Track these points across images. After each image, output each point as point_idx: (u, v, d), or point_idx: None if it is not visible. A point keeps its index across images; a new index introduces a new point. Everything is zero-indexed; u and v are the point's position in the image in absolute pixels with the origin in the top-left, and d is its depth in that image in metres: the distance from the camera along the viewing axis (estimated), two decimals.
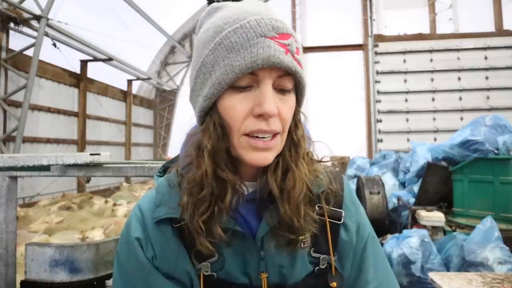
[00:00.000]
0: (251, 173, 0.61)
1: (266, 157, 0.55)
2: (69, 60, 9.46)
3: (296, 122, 0.61)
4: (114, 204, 6.75)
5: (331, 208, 0.65)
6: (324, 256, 0.64)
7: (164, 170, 0.71)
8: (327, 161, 0.68)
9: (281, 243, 0.59)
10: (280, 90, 0.55)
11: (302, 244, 0.61)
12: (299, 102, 0.61)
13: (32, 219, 5.92)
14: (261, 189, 0.60)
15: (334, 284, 0.63)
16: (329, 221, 0.64)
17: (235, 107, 0.54)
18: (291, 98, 0.57)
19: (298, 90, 0.60)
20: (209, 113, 0.57)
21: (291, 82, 0.56)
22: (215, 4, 0.61)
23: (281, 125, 0.55)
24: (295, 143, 0.60)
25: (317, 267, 0.63)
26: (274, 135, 0.55)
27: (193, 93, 0.60)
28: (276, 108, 0.53)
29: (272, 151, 0.56)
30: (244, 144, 0.55)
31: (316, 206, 0.63)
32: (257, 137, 0.54)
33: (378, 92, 11.02)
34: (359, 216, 0.70)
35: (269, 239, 0.59)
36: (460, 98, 10.59)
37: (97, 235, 4.81)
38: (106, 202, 7.16)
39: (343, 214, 0.66)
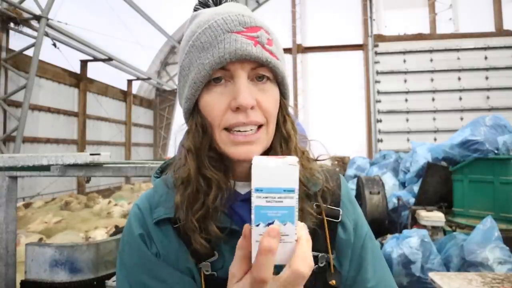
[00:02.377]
0: (245, 173, 0.61)
1: (249, 151, 0.55)
2: (69, 60, 9.48)
3: (284, 116, 0.62)
4: (116, 205, 6.75)
5: (329, 206, 0.65)
6: (323, 254, 0.63)
7: (161, 171, 0.72)
8: (324, 159, 0.68)
9: None
10: (258, 80, 0.56)
11: None
12: (284, 94, 0.62)
13: (31, 219, 5.92)
14: None
15: (333, 282, 0.63)
16: (326, 219, 0.64)
17: (213, 104, 0.55)
18: (272, 88, 0.58)
19: (278, 81, 0.60)
20: (192, 114, 0.60)
21: (268, 73, 0.57)
22: (193, 13, 0.64)
23: (264, 116, 0.56)
24: (284, 137, 0.61)
25: (316, 266, 0.63)
26: (258, 128, 0.56)
27: (179, 97, 0.64)
28: (252, 100, 0.53)
29: (255, 144, 0.56)
30: (225, 139, 0.56)
31: (314, 205, 0.63)
32: (238, 131, 0.55)
33: (378, 92, 11.02)
34: (357, 214, 0.70)
35: None
36: (460, 98, 10.59)
37: (99, 235, 4.81)
38: (109, 202, 7.17)
39: (340, 213, 0.66)
